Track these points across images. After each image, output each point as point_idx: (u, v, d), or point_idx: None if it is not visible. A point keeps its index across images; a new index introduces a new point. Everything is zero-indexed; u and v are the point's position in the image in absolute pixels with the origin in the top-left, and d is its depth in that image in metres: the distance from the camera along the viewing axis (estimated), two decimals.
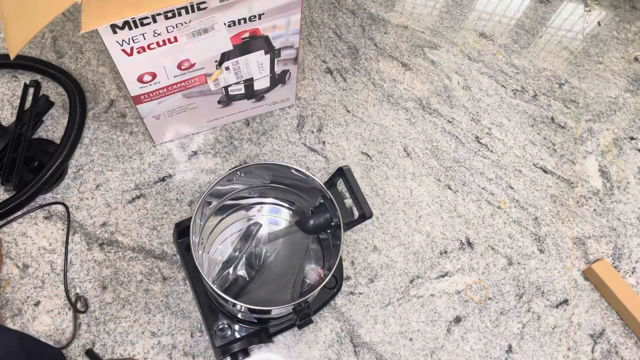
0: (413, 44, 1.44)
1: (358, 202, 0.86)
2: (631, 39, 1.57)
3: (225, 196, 0.96)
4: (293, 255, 0.98)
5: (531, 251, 1.14)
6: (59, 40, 1.30)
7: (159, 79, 0.96)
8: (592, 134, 1.34)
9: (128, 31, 0.81)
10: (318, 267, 0.96)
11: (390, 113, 1.30)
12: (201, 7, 0.82)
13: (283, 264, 0.97)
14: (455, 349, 1.02)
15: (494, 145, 1.29)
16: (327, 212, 0.89)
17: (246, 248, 0.96)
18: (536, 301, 1.09)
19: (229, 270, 0.93)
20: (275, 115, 1.25)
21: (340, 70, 1.35)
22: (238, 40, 0.94)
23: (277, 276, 0.96)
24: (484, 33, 1.51)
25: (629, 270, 1.15)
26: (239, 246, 0.97)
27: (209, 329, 0.91)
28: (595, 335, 1.06)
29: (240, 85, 1.09)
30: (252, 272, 0.95)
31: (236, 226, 1.01)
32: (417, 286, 1.07)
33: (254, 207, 1.03)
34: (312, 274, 0.95)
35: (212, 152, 1.18)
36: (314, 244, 0.98)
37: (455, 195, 1.20)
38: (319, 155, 1.21)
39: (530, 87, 1.41)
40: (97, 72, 1.26)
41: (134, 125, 1.19)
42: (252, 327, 0.92)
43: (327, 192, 0.87)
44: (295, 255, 0.98)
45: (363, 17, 1.48)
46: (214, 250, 0.98)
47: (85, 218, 1.06)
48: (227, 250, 0.98)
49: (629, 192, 1.26)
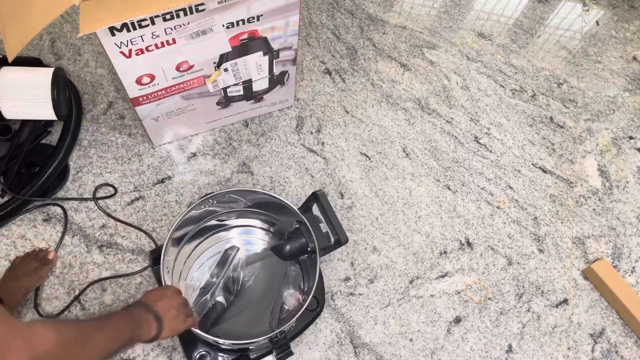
0: (412, 44, 1.44)
1: (333, 227, 0.85)
2: (630, 38, 1.57)
3: (201, 221, 0.95)
4: (272, 278, 0.96)
5: (531, 251, 1.14)
6: (57, 42, 1.30)
7: (158, 80, 0.96)
8: (591, 133, 1.34)
9: (126, 33, 0.81)
10: (296, 292, 0.95)
11: (389, 113, 1.30)
12: (199, 8, 0.82)
13: (261, 289, 0.95)
14: (456, 349, 1.02)
15: (493, 145, 1.29)
16: (302, 237, 0.87)
17: (223, 273, 0.94)
18: (536, 301, 1.09)
19: (206, 297, 0.91)
20: (274, 116, 1.25)
21: (339, 70, 1.35)
22: (236, 41, 0.94)
23: (255, 302, 0.94)
24: (482, 33, 1.51)
25: (628, 270, 1.15)
26: (216, 271, 0.95)
27: (187, 358, 0.89)
28: (595, 335, 1.06)
29: (239, 86, 1.09)
30: (231, 297, 0.92)
31: (213, 249, 0.99)
32: (417, 287, 1.07)
33: (232, 230, 1.02)
34: (291, 300, 0.94)
35: (211, 154, 1.18)
36: (293, 265, 0.97)
37: (454, 196, 1.20)
38: (318, 156, 1.21)
39: (529, 86, 1.41)
40: (95, 74, 1.26)
41: (132, 127, 1.19)
42: (232, 354, 0.90)
43: (302, 217, 0.86)
44: (274, 279, 0.96)
45: (361, 17, 1.47)
46: (191, 277, 0.96)
47: (84, 220, 1.06)
48: (205, 276, 0.96)
49: (628, 192, 1.26)
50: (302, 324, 0.95)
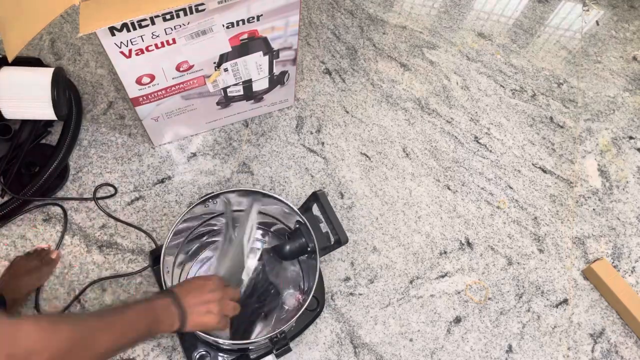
0: (412, 44, 1.44)
1: (333, 227, 0.85)
2: (630, 38, 1.57)
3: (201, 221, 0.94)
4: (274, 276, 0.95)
5: (531, 251, 1.14)
6: (57, 42, 1.30)
7: (158, 80, 0.96)
8: (591, 133, 1.34)
9: (126, 33, 0.81)
10: (296, 292, 0.94)
11: (389, 113, 1.30)
12: (199, 8, 0.82)
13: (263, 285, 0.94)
14: (456, 350, 1.02)
15: (493, 145, 1.29)
16: (302, 237, 0.87)
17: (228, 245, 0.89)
18: (536, 301, 1.09)
19: None
20: (274, 116, 1.25)
21: (339, 70, 1.35)
22: (236, 41, 0.94)
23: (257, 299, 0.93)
24: (482, 33, 1.51)
25: (628, 270, 1.15)
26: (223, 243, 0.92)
27: (187, 358, 0.89)
28: (595, 335, 1.06)
29: (239, 86, 1.09)
30: None
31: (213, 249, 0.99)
32: (417, 287, 1.07)
33: None
34: (291, 300, 0.93)
35: (211, 154, 1.18)
36: (293, 265, 0.97)
37: (454, 196, 1.20)
38: (318, 156, 1.21)
39: (529, 86, 1.41)
40: (95, 74, 1.26)
41: (132, 127, 1.19)
42: (232, 354, 0.90)
43: (302, 217, 0.86)
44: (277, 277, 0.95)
45: (361, 17, 1.47)
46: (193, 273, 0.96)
47: (84, 220, 1.06)
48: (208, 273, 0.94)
49: (628, 192, 1.26)
50: (302, 323, 0.95)
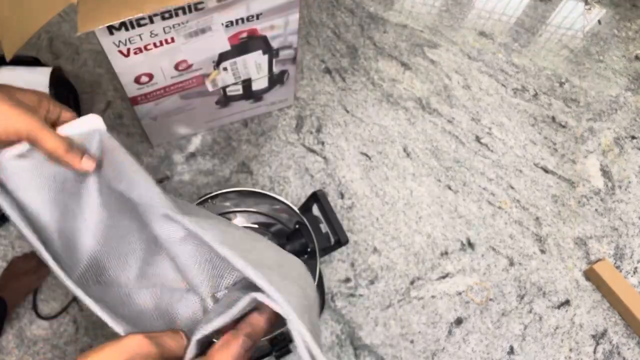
0: (412, 43, 1.43)
1: (333, 228, 0.84)
2: (632, 37, 1.56)
3: None
4: None
5: (532, 252, 1.14)
6: (55, 41, 1.29)
7: (156, 80, 0.95)
8: (593, 133, 1.34)
9: (125, 32, 0.80)
10: None
11: (390, 113, 1.29)
12: (198, 7, 0.81)
13: None
14: (457, 351, 1.01)
15: (494, 145, 1.28)
16: (302, 237, 0.86)
17: None
18: (538, 302, 1.08)
19: None
20: (274, 115, 1.24)
21: (339, 70, 1.35)
22: (236, 40, 0.93)
23: None
24: (483, 32, 1.50)
25: (630, 271, 1.14)
26: None
27: None
28: (597, 336, 1.06)
29: (238, 85, 1.08)
30: None
31: None
32: (418, 288, 1.07)
33: None
34: None
35: (210, 154, 1.17)
36: None
37: (455, 196, 1.19)
38: (318, 156, 1.20)
39: (530, 86, 1.40)
40: (93, 73, 1.25)
41: (131, 127, 1.18)
42: None
43: (302, 218, 0.85)
44: None
45: (362, 16, 1.47)
46: None
47: None
48: None
49: (631, 192, 1.25)
50: None
